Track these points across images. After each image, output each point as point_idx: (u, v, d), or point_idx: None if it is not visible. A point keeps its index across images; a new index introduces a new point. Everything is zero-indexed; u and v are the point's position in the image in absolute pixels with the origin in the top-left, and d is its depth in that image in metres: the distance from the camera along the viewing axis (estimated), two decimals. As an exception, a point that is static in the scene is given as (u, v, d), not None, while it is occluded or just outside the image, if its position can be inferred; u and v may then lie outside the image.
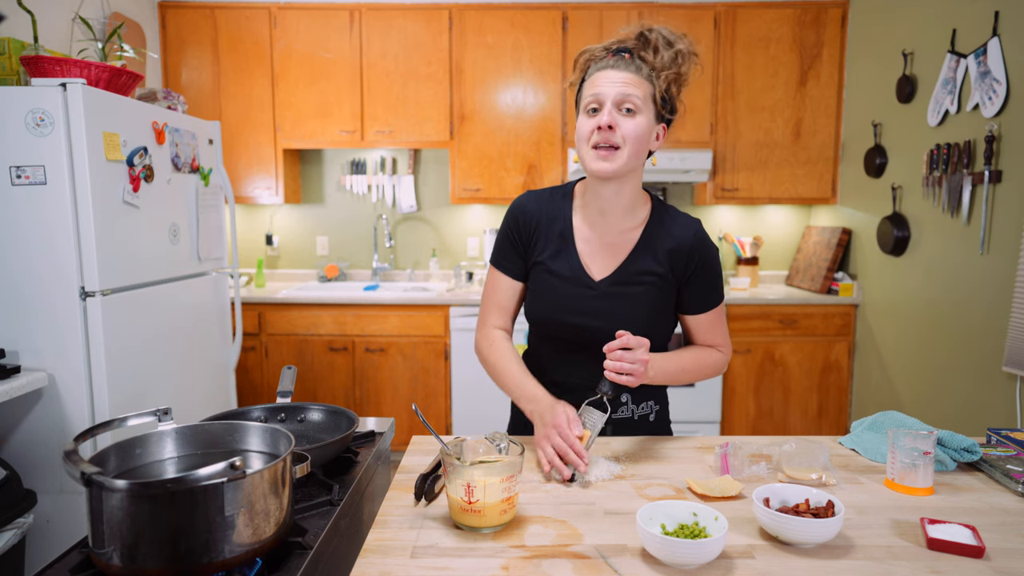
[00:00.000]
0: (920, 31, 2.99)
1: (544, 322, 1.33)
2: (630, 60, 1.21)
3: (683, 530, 0.92)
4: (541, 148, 3.72)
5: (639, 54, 1.22)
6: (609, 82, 1.19)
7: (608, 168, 1.20)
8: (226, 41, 3.66)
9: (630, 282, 1.29)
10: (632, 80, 1.19)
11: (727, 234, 4.03)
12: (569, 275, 1.30)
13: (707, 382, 3.48)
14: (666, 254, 1.30)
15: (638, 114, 1.20)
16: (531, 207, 1.34)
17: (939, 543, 0.93)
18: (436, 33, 3.65)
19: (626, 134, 1.19)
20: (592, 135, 1.21)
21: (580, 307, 1.29)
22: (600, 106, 1.21)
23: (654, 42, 1.22)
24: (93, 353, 2.07)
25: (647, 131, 1.22)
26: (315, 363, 3.55)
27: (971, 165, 2.64)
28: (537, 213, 1.34)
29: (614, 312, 1.28)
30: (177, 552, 0.81)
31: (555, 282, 1.31)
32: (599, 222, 1.31)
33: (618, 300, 1.28)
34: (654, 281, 1.30)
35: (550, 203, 1.34)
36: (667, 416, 1.48)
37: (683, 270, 1.30)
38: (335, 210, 4.13)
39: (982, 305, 2.59)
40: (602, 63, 1.23)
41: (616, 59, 1.21)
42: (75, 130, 1.99)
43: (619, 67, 1.20)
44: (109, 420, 1.03)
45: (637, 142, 1.20)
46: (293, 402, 1.41)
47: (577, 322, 1.29)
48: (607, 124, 1.18)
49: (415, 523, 1.03)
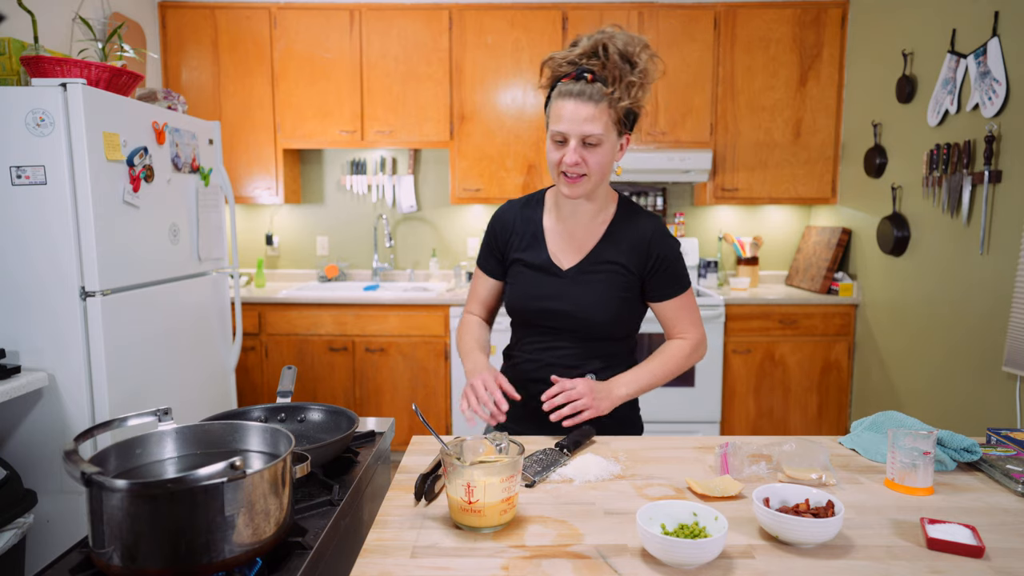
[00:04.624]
0: (920, 31, 2.99)
1: (520, 309, 1.45)
2: (592, 83, 1.27)
3: (683, 530, 0.93)
4: (541, 148, 3.72)
5: (600, 75, 1.28)
6: (572, 119, 1.27)
7: (577, 192, 1.33)
8: (226, 41, 3.66)
9: (595, 270, 1.41)
10: (593, 114, 1.27)
11: (727, 234, 4.03)
12: (540, 265, 1.43)
13: (707, 382, 3.48)
14: (629, 247, 1.41)
15: (602, 144, 1.30)
16: (507, 216, 1.50)
17: (939, 543, 0.93)
18: (436, 33, 3.65)
19: (591, 165, 1.30)
20: (560, 164, 1.31)
21: (550, 293, 1.42)
22: (566, 141, 1.30)
23: (613, 59, 1.27)
24: (93, 353, 2.07)
25: (611, 155, 1.33)
26: (315, 363, 3.55)
27: (971, 165, 2.64)
28: (512, 221, 1.49)
29: (580, 296, 1.39)
30: (177, 552, 0.81)
31: (528, 272, 1.44)
32: (568, 221, 1.44)
33: (584, 286, 1.40)
34: (617, 269, 1.41)
35: (524, 210, 1.49)
36: (635, 405, 1.55)
37: (645, 261, 1.41)
38: (335, 210, 4.13)
39: (982, 305, 2.59)
40: (566, 88, 1.29)
41: (580, 85, 1.27)
42: (75, 130, 1.99)
43: (582, 97, 1.27)
44: (109, 420, 1.03)
45: (602, 168, 1.32)
46: (293, 402, 1.41)
47: (548, 306, 1.41)
48: (573, 162, 1.29)
49: (415, 523, 1.04)
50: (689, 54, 3.66)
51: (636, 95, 1.29)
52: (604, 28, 1.32)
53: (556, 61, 1.32)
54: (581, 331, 1.42)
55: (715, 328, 3.47)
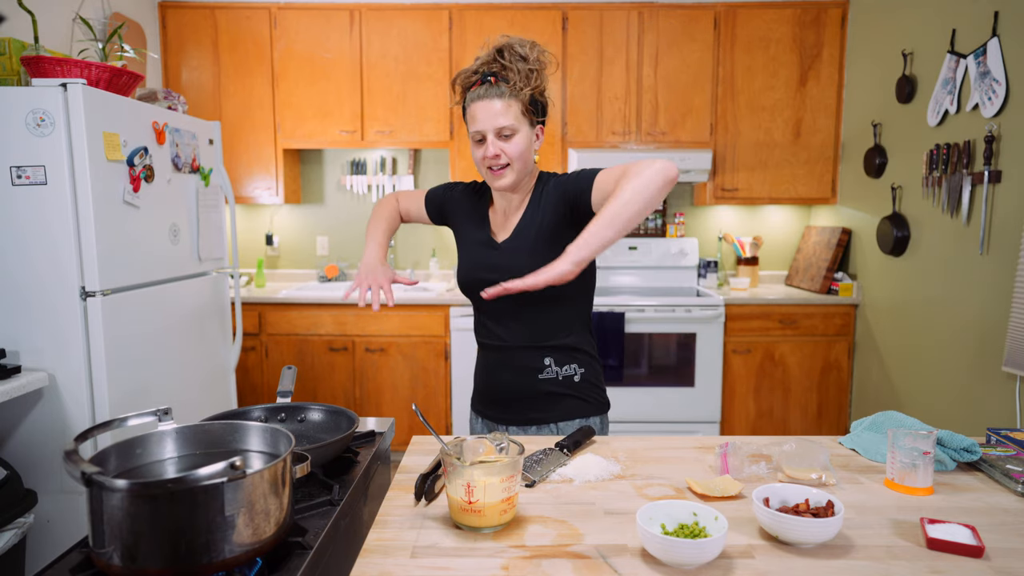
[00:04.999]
0: (920, 31, 2.99)
1: (468, 282, 1.56)
2: (496, 84, 1.41)
3: (683, 530, 0.93)
4: (541, 148, 3.72)
5: (502, 76, 1.42)
6: (485, 116, 1.41)
7: (504, 183, 1.46)
8: (226, 41, 3.66)
9: (522, 237, 1.49)
10: (502, 108, 1.40)
11: (727, 234, 4.03)
12: (481, 241, 1.56)
13: (707, 382, 3.49)
14: (547, 202, 1.49)
15: (516, 134, 1.42)
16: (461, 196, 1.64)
17: (939, 543, 0.93)
18: (436, 33, 3.65)
19: (511, 154, 1.42)
20: (484, 160, 1.45)
21: (488, 264, 1.51)
22: (484, 138, 1.43)
23: (510, 59, 1.41)
24: (93, 353, 2.07)
25: (528, 142, 1.45)
26: (315, 363, 3.55)
27: (971, 165, 2.64)
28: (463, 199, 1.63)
29: (512, 265, 1.46)
30: (177, 552, 0.81)
31: (472, 248, 1.57)
32: (503, 203, 1.56)
33: (515, 255, 1.48)
34: (540, 232, 1.47)
35: (474, 196, 1.63)
36: (594, 381, 1.56)
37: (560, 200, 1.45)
38: (335, 210, 4.13)
39: (982, 305, 2.59)
40: (475, 92, 1.43)
41: (485, 88, 1.41)
42: (75, 130, 1.99)
43: (490, 96, 1.41)
44: (109, 420, 1.03)
45: (522, 156, 1.44)
46: (293, 402, 1.41)
47: (487, 277, 1.47)
48: (493, 155, 1.42)
49: (415, 523, 1.04)
50: (689, 54, 3.66)
51: (535, 83, 1.42)
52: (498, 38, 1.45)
53: (463, 75, 1.47)
54: (523, 297, 1.42)
55: (715, 328, 3.47)
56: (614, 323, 3.40)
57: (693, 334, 3.47)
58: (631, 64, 3.66)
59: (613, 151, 3.66)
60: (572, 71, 3.68)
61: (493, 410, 1.58)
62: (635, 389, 3.48)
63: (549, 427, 1.51)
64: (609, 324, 3.40)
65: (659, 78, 3.67)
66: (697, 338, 3.47)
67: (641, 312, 3.44)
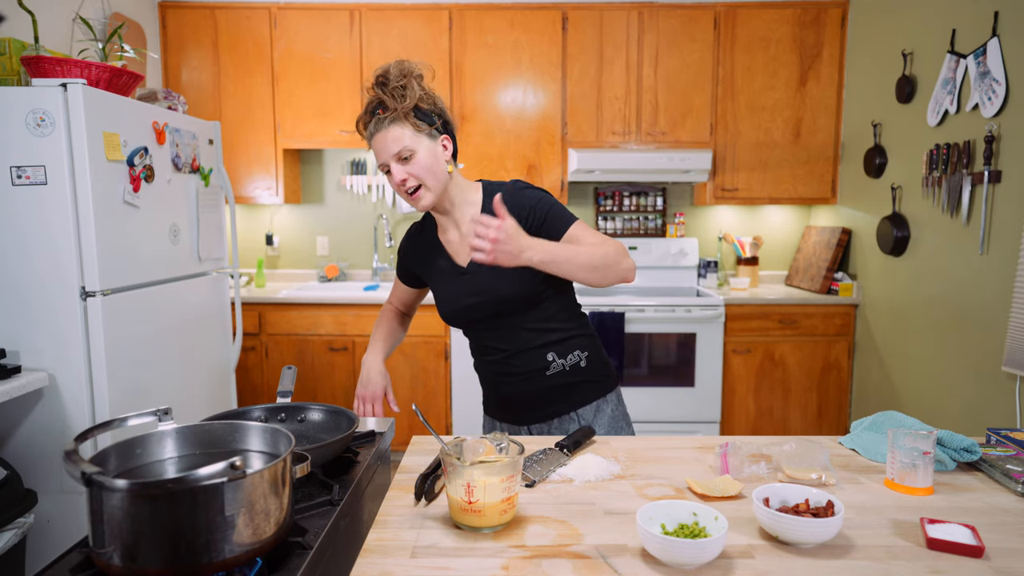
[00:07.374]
0: (920, 31, 2.99)
1: (450, 313, 1.56)
2: (384, 114, 1.42)
3: (683, 530, 0.93)
4: (541, 148, 3.72)
5: (383, 105, 1.43)
6: (381, 147, 1.42)
7: (425, 203, 1.45)
8: (226, 41, 3.66)
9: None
10: (395, 134, 1.40)
11: (727, 234, 4.03)
12: (447, 270, 1.55)
13: (707, 382, 3.49)
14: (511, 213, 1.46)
15: (415, 153, 1.41)
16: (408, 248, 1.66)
17: (939, 543, 0.93)
18: (436, 33, 3.65)
19: (419, 174, 1.42)
20: (397, 188, 1.45)
21: (460, 290, 1.52)
22: (389, 167, 1.43)
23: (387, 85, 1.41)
24: (93, 353, 2.07)
25: (432, 157, 1.43)
26: (315, 363, 3.55)
27: (971, 165, 2.64)
28: (412, 250, 1.64)
29: (483, 286, 1.48)
30: (177, 552, 0.81)
31: (442, 281, 1.57)
32: (448, 224, 1.56)
33: (482, 276, 1.48)
34: None
35: (418, 238, 1.64)
36: (600, 359, 1.60)
37: (525, 222, 1.45)
38: (335, 210, 4.13)
39: (982, 305, 2.59)
40: (368, 129, 1.45)
41: (375, 122, 1.42)
42: (75, 130, 1.99)
43: (380, 127, 1.41)
44: (109, 420, 1.03)
45: (430, 172, 1.43)
46: (293, 402, 1.41)
47: (464, 303, 1.51)
48: (400, 180, 1.41)
49: (415, 523, 1.04)
50: (689, 54, 3.66)
51: (411, 96, 1.41)
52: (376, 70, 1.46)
53: (360, 119, 1.47)
54: (505, 311, 1.49)
55: (715, 328, 3.47)
56: (614, 323, 3.40)
57: (693, 334, 3.47)
58: (631, 64, 3.66)
59: (613, 151, 3.66)
60: (572, 71, 3.68)
61: (512, 415, 1.59)
62: (635, 389, 3.48)
63: (570, 416, 1.55)
64: (609, 324, 3.40)
65: (659, 78, 3.67)
66: (697, 338, 3.47)
67: (641, 312, 3.44)
